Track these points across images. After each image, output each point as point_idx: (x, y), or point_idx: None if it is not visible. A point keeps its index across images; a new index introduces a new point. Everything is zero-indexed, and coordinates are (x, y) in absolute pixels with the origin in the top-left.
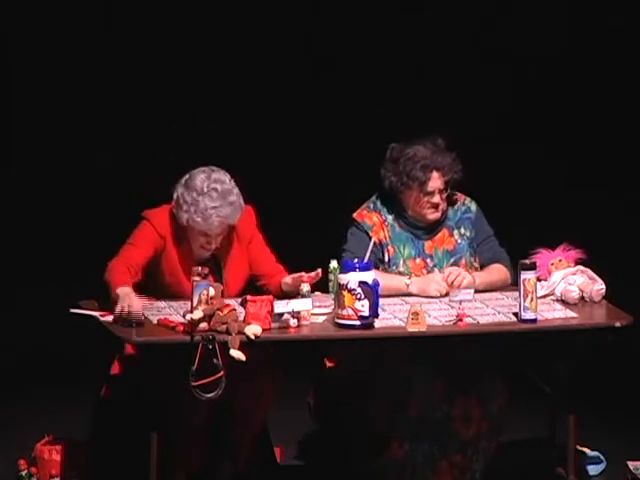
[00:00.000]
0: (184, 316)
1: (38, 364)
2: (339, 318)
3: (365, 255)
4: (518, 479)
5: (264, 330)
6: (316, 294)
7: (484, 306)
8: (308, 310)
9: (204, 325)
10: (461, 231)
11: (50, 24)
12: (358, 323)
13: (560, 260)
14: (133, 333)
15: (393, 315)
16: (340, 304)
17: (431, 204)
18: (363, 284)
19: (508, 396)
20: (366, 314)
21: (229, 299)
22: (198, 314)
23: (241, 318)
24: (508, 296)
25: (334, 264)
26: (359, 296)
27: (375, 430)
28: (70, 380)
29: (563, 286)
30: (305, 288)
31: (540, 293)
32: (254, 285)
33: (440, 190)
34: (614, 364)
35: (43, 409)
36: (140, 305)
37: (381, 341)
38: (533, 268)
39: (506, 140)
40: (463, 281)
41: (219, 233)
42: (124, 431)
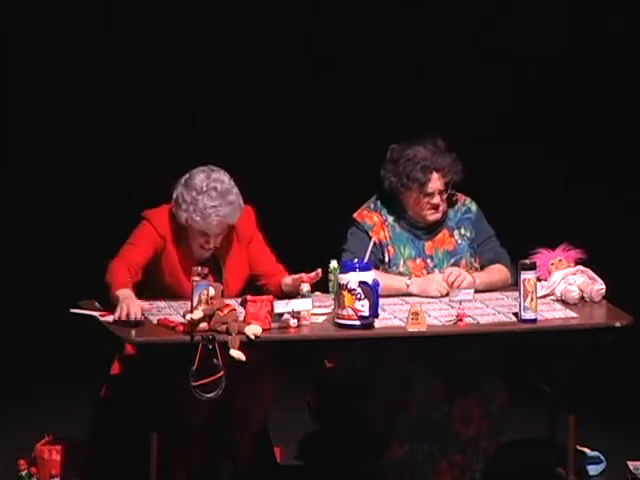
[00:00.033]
0: (184, 316)
1: (38, 364)
2: (339, 318)
3: (365, 255)
4: (518, 479)
5: (264, 330)
6: (316, 294)
7: (484, 306)
8: (308, 310)
9: (204, 325)
10: (461, 231)
11: (50, 24)
12: (358, 323)
13: (560, 260)
14: (133, 333)
15: (393, 315)
16: (340, 304)
17: (431, 205)
18: (363, 284)
19: (508, 396)
20: (366, 314)
21: (229, 299)
22: (198, 314)
23: (241, 318)
24: (508, 296)
25: (334, 264)
26: (359, 296)
27: (375, 430)
28: (70, 380)
29: (563, 286)
30: (305, 288)
31: (540, 293)
32: (254, 285)
33: (440, 191)
34: (614, 364)
35: (43, 409)
36: (140, 308)
37: (381, 341)
38: (533, 268)
39: (506, 140)
40: (463, 281)
41: (218, 233)
42: (124, 431)
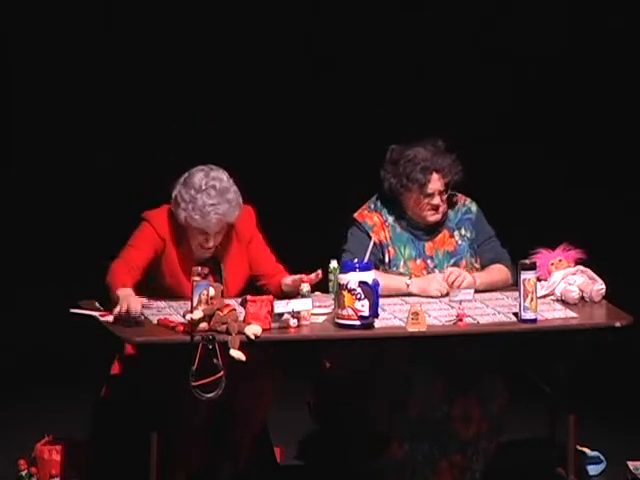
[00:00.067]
0: (184, 316)
1: (38, 364)
2: (339, 318)
3: (365, 255)
4: (518, 479)
5: (264, 330)
6: (316, 294)
7: (484, 306)
8: (308, 310)
9: (204, 325)
10: (462, 232)
11: (50, 24)
12: (358, 323)
13: (560, 260)
14: (133, 333)
15: (393, 315)
16: (340, 304)
17: (431, 206)
18: (363, 284)
19: (508, 396)
20: (366, 314)
21: (229, 299)
22: (198, 314)
23: (241, 318)
24: (508, 296)
25: (334, 264)
26: (359, 296)
27: (375, 430)
28: (70, 380)
29: (563, 286)
30: (305, 288)
31: (540, 293)
32: (254, 285)
33: (440, 192)
34: (614, 364)
35: (43, 409)
36: (140, 305)
37: (381, 341)
38: (533, 268)
39: (506, 140)
40: (463, 281)
41: (217, 231)
42: (124, 431)
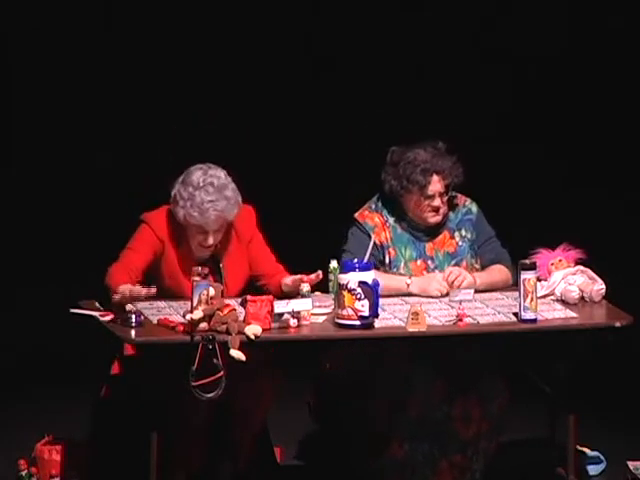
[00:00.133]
0: (184, 316)
1: (38, 364)
2: (339, 318)
3: (365, 255)
4: (518, 479)
5: (264, 330)
6: (316, 294)
7: (484, 306)
8: (308, 310)
9: (204, 325)
10: (462, 233)
11: (50, 24)
12: (358, 323)
13: (560, 260)
14: (133, 333)
15: (393, 315)
16: (340, 304)
17: (432, 207)
18: (363, 284)
19: (508, 396)
20: (366, 314)
21: (229, 299)
22: (198, 314)
23: (241, 318)
24: (508, 296)
25: (334, 264)
26: (359, 296)
27: (375, 430)
28: (70, 380)
29: (563, 286)
30: (305, 288)
31: (540, 293)
32: (254, 285)
33: (440, 193)
34: (614, 364)
35: (43, 409)
36: (141, 289)
37: (381, 341)
38: (533, 268)
39: (506, 140)
40: (463, 281)
41: (216, 229)
42: (124, 431)
